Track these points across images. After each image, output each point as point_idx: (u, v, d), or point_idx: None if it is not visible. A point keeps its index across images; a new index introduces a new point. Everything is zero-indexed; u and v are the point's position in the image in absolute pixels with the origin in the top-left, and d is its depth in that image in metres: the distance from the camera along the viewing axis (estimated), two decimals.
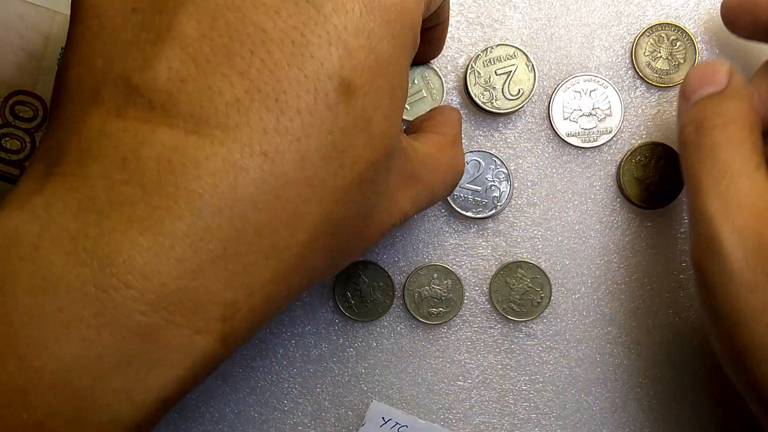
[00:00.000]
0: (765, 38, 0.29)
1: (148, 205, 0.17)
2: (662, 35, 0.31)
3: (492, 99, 0.31)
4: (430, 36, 0.27)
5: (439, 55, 0.30)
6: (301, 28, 0.18)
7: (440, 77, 0.31)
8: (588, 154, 0.32)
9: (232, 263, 0.17)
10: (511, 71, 0.31)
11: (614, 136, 0.31)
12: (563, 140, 0.31)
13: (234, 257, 0.17)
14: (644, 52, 0.31)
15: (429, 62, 0.31)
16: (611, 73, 0.31)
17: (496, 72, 0.31)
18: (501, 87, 0.31)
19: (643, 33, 0.31)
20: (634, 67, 0.31)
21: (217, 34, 0.18)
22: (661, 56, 0.31)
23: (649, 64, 0.31)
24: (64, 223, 0.17)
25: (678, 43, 0.31)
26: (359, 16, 0.19)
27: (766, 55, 0.30)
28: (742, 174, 0.24)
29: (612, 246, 0.32)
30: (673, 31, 0.31)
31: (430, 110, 0.28)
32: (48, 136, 0.19)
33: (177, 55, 0.18)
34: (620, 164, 0.31)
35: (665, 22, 0.31)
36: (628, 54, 0.31)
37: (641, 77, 0.31)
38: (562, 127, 0.31)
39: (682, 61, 0.31)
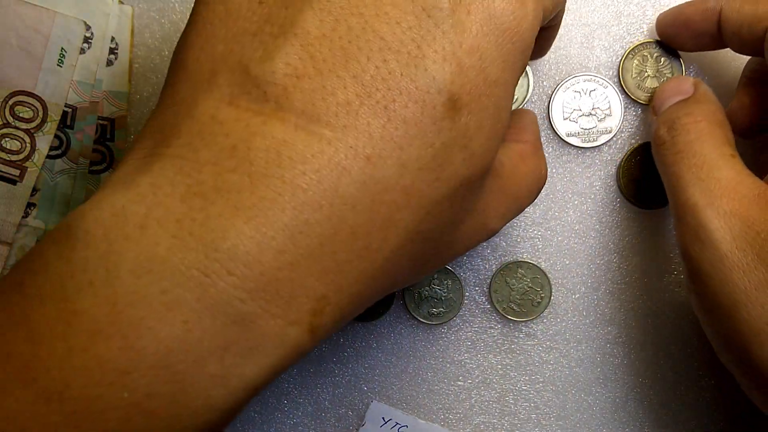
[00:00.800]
0: (711, 46, 0.29)
1: (254, 195, 0.17)
2: (645, 54, 0.31)
3: None
4: (539, 36, 0.27)
5: None
6: (418, 41, 0.18)
7: None
8: (588, 154, 0.32)
9: (326, 259, 0.18)
10: None
11: (614, 136, 0.31)
12: (563, 140, 0.31)
13: (328, 254, 0.18)
14: (631, 75, 0.31)
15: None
16: (611, 73, 0.31)
17: None
18: None
19: (626, 56, 0.31)
20: (624, 91, 0.31)
21: (337, 36, 0.18)
22: (648, 75, 0.31)
23: (639, 85, 0.31)
24: (171, 206, 0.17)
25: (662, 59, 0.31)
26: (475, 35, 0.19)
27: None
28: (720, 163, 0.25)
29: (612, 246, 0.32)
30: (656, 48, 0.31)
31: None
32: (158, 113, 0.19)
33: (296, 52, 0.18)
34: (620, 164, 0.31)
35: (646, 41, 0.31)
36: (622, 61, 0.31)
37: (634, 100, 0.31)
38: (562, 127, 0.31)
39: (669, 74, 0.31)
